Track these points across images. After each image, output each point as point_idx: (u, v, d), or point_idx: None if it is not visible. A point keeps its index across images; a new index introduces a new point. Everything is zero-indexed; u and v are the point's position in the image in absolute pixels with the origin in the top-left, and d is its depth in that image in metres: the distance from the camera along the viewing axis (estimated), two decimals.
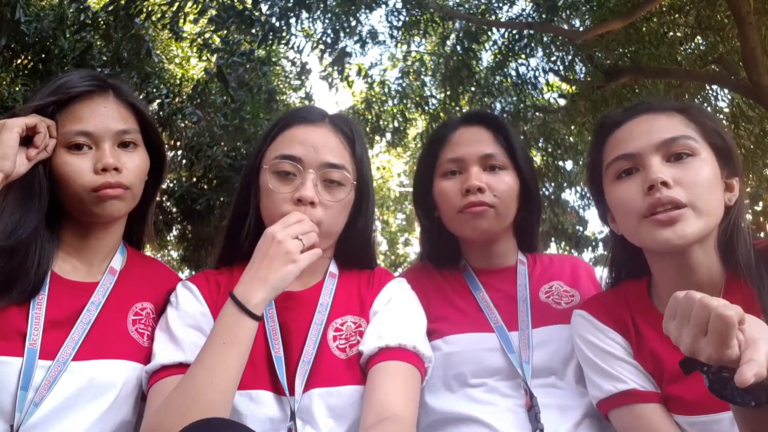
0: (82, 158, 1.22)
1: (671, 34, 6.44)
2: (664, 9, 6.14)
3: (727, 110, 6.80)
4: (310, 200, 1.23)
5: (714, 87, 6.65)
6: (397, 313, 1.32)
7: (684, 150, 1.18)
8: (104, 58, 5.68)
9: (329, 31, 6.80)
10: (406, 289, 1.42)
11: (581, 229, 8.72)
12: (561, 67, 7.50)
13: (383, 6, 7.12)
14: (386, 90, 8.52)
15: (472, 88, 7.77)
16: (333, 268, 1.39)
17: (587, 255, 9.35)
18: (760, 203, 6.96)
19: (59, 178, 1.23)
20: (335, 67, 7.03)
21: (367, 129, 8.27)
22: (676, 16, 6.24)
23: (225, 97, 5.89)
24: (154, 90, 6.13)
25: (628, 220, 1.21)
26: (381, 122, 8.47)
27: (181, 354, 1.18)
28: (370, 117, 8.30)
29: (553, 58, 7.48)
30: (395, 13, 7.35)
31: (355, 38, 7.09)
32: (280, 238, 1.12)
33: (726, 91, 6.58)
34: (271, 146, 1.33)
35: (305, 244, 1.15)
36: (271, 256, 1.11)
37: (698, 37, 6.62)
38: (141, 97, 5.75)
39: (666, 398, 1.20)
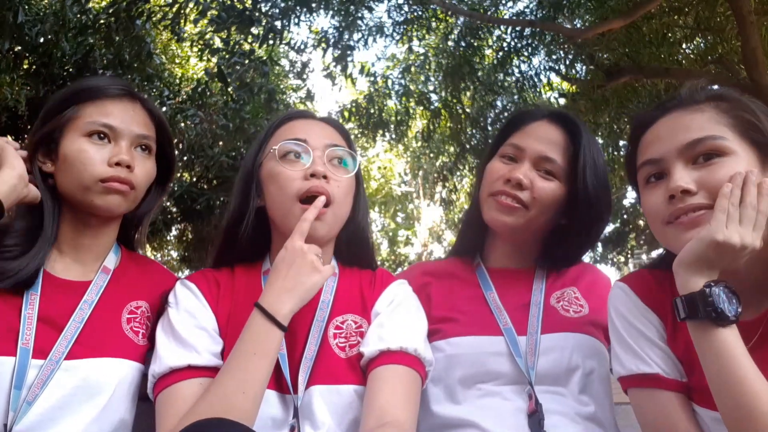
0: (98, 148, 1.25)
1: (672, 33, 6.42)
2: (664, 8, 6.12)
3: None
4: (323, 174, 1.26)
5: (714, 87, 6.61)
6: (398, 316, 1.30)
7: (712, 151, 1.09)
8: (105, 61, 5.70)
9: (332, 29, 6.80)
10: (407, 292, 1.40)
11: None
12: (562, 66, 7.48)
13: (385, 1, 7.12)
14: (389, 84, 8.50)
15: (475, 85, 7.74)
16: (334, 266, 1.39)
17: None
18: None
19: (70, 163, 1.24)
20: (338, 64, 7.02)
21: (370, 123, 8.26)
22: (676, 16, 6.22)
23: (225, 97, 5.91)
24: (155, 91, 6.15)
25: (654, 227, 1.18)
26: (383, 116, 8.44)
27: (190, 356, 1.17)
28: (373, 111, 8.28)
29: (554, 57, 7.46)
30: (397, 9, 7.35)
31: (358, 35, 7.08)
32: (306, 249, 1.14)
33: None
34: (270, 140, 1.36)
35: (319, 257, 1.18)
36: (298, 266, 1.13)
37: (698, 37, 6.60)
38: None
39: (692, 389, 1.16)
